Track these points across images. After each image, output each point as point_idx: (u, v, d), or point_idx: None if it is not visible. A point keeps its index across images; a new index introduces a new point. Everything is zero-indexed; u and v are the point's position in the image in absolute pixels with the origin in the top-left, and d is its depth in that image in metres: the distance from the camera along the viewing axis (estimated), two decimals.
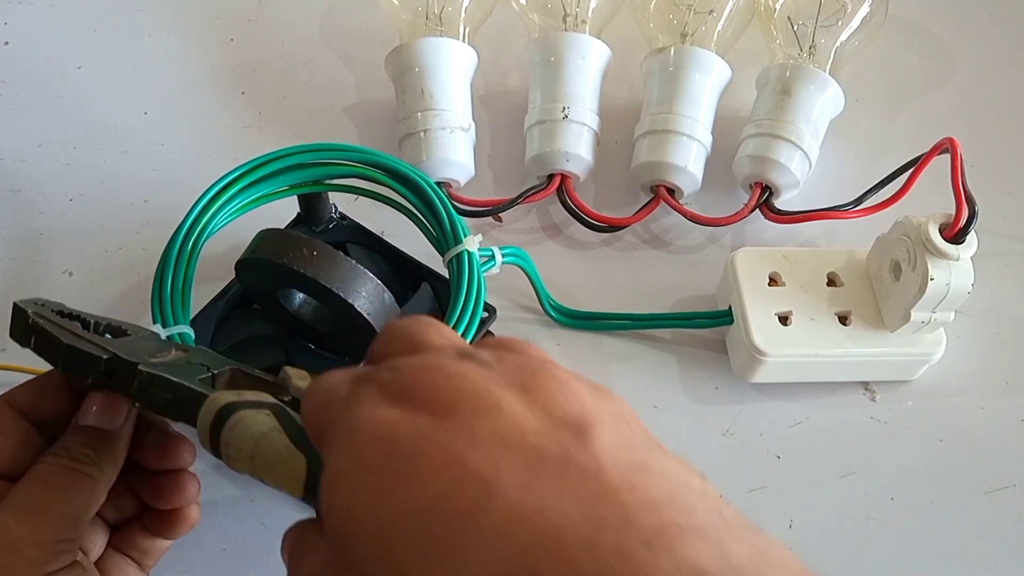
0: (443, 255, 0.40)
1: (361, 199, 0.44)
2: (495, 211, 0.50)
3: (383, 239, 0.46)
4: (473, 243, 0.40)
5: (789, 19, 0.52)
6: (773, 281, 0.45)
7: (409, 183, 0.42)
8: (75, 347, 0.31)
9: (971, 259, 0.41)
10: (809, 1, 0.52)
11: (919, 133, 0.54)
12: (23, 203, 0.51)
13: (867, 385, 0.46)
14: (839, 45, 0.52)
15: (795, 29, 0.52)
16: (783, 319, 0.44)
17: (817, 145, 0.49)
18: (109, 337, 0.33)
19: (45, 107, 0.54)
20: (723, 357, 0.47)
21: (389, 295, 0.38)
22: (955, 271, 0.41)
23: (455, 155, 0.49)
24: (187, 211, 0.40)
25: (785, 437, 0.45)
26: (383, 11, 0.54)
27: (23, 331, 0.32)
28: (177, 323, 0.37)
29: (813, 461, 0.44)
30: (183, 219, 0.40)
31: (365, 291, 0.37)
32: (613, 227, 0.49)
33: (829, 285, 0.45)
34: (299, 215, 0.46)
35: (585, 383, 0.24)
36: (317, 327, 0.40)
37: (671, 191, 0.50)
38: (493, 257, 0.42)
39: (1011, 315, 0.49)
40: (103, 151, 0.53)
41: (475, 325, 0.38)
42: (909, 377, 0.46)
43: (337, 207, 0.46)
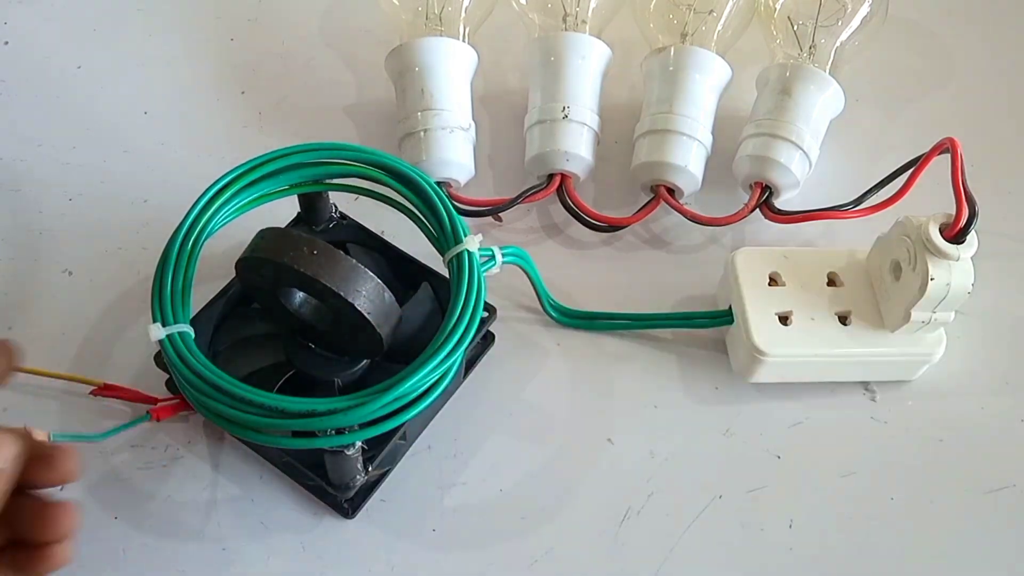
0: (443, 255, 0.40)
1: (361, 199, 0.44)
2: (495, 211, 0.50)
3: (383, 239, 0.46)
4: (473, 243, 0.40)
5: (789, 19, 0.52)
6: (773, 281, 0.45)
7: (409, 183, 0.42)
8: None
9: (971, 259, 0.41)
10: (809, 1, 0.52)
11: (919, 133, 0.54)
12: (23, 203, 0.51)
13: (867, 385, 0.46)
14: (839, 45, 0.52)
15: (795, 29, 0.52)
16: (783, 319, 0.44)
17: (817, 145, 0.49)
18: None
19: (45, 107, 0.54)
20: (723, 357, 0.47)
21: (389, 294, 0.38)
22: (955, 271, 0.41)
23: (455, 155, 0.49)
24: (187, 211, 0.40)
25: (785, 437, 0.45)
26: (383, 11, 0.54)
27: None
28: (177, 322, 0.37)
29: (813, 461, 0.44)
30: (183, 219, 0.40)
31: (365, 290, 0.37)
32: (613, 227, 0.50)
33: (829, 285, 0.45)
34: (299, 215, 0.46)
35: None
36: (317, 326, 0.40)
37: (671, 191, 0.50)
38: (493, 257, 0.42)
39: (1011, 315, 0.49)
40: (103, 151, 0.53)
41: (475, 325, 0.38)
42: (909, 377, 0.46)
43: (337, 207, 0.46)
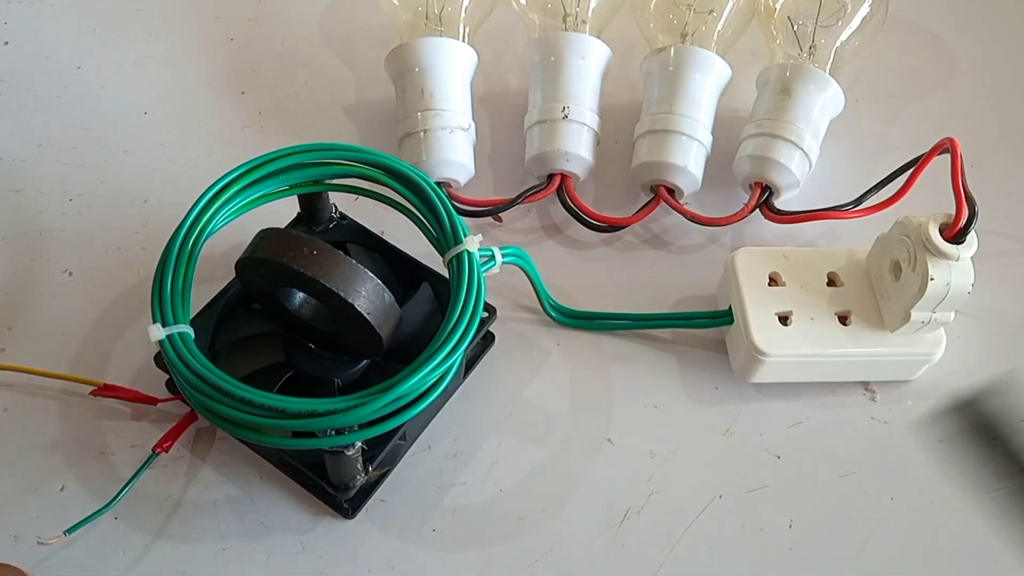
0: (443, 255, 0.40)
1: (361, 199, 0.44)
2: (495, 211, 0.50)
3: (383, 239, 0.46)
4: (473, 243, 0.40)
5: (789, 19, 0.52)
6: (773, 281, 0.45)
7: (409, 183, 0.42)
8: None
9: (971, 259, 0.41)
10: (809, 1, 0.52)
11: (919, 133, 0.55)
12: (23, 203, 0.51)
13: (867, 385, 0.46)
14: (839, 45, 0.52)
15: (795, 29, 0.52)
16: (783, 319, 0.44)
17: (817, 145, 0.49)
18: None
19: (45, 107, 0.54)
20: (723, 357, 0.47)
21: (389, 295, 0.38)
22: (955, 271, 0.41)
23: (455, 155, 0.49)
24: (187, 211, 0.40)
25: (785, 437, 0.45)
26: (383, 11, 0.54)
27: None
28: (177, 322, 0.37)
29: (813, 461, 0.44)
30: (183, 219, 0.40)
31: (365, 291, 0.37)
32: (613, 227, 0.50)
33: (829, 285, 0.45)
34: (299, 215, 0.46)
35: None
36: (317, 326, 0.40)
37: (671, 191, 0.50)
38: (493, 257, 0.42)
39: (1011, 315, 0.49)
40: (103, 151, 0.53)
41: (475, 325, 0.38)
42: (909, 377, 0.46)
43: (337, 207, 0.46)
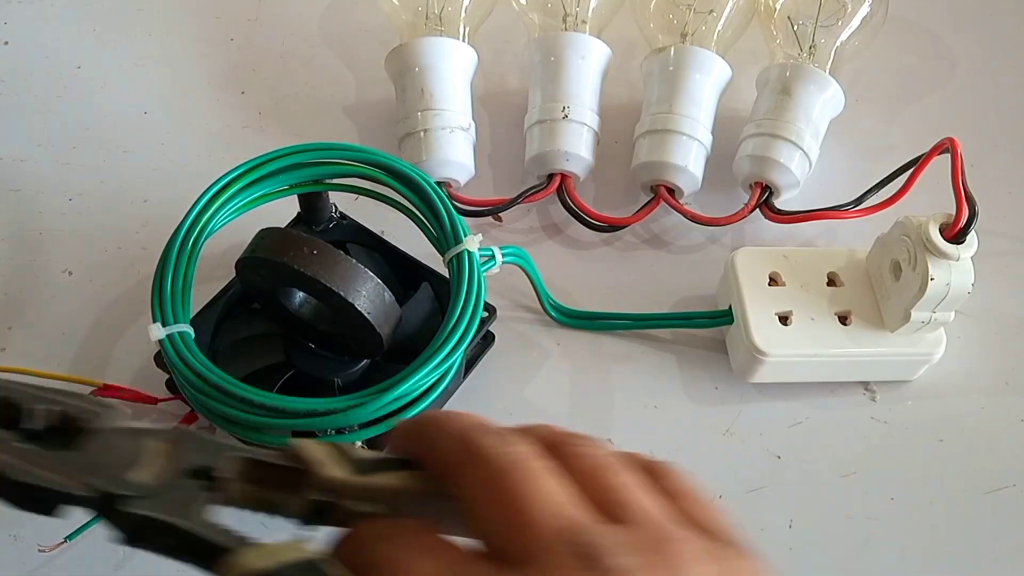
0: (443, 255, 0.40)
1: (361, 199, 0.44)
2: (495, 211, 0.50)
3: (383, 239, 0.46)
4: (473, 243, 0.40)
5: (789, 19, 0.52)
6: (773, 281, 0.45)
7: (409, 183, 0.42)
8: (28, 484, 0.23)
9: (971, 259, 0.41)
10: (809, 1, 0.52)
11: (919, 133, 0.54)
12: (23, 203, 0.51)
13: (867, 385, 0.46)
14: (839, 45, 0.52)
15: (795, 29, 0.52)
16: (783, 319, 0.44)
17: (817, 145, 0.49)
18: (61, 449, 0.24)
19: (45, 107, 0.54)
20: (723, 357, 0.47)
21: (389, 294, 0.38)
22: (955, 271, 0.41)
23: (455, 155, 0.49)
24: (187, 210, 0.40)
25: (785, 437, 0.45)
26: (383, 11, 0.54)
27: None
28: (177, 322, 0.37)
29: (813, 461, 0.44)
30: (183, 218, 0.40)
31: (365, 290, 0.37)
32: (613, 227, 0.49)
33: (829, 285, 0.45)
34: (299, 214, 0.46)
35: None
36: (317, 326, 0.40)
37: (671, 191, 0.50)
38: (493, 257, 0.42)
39: (1011, 315, 0.49)
40: (103, 151, 0.53)
41: (475, 325, 0.38)
42: (909, 377, 0.46)
43: (337, 207, 0.46)
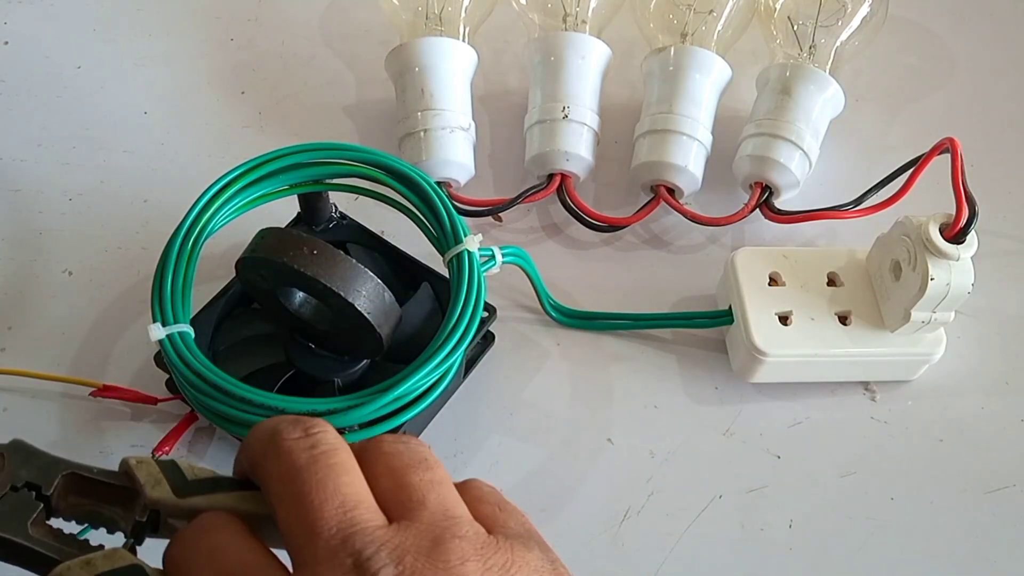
0: (443, 255, 0.40)
1: (361, 199, 0.44)
2: (495, 211, 0.50)
3: (383, 239, 0.46)
4: (473, 243, 0.40)
5: (789, 19, 0.52)
6: (773, 281, 0.45)
7: (409, 183, 0.42)
8: None
9: (971, 259, 0.41)
10: (809, 1, 0.52)
11: (919, 133, 0.55)
12: (23, 203, 0.51)
13: (867, 385, 0.46)
14: (839, 45, 0.52)
15: (795, 29, 0.52)
16: (783, 319, 0.44)
17: (817, 145, 0.49)
18: None
19: (45, 107, 0.54)
20: (723, 357, 0.47)
21: (389, 294, 0.38)
22: (955, 271, 0.41)
23: (455, 155, 0.49)
24: (187, 210, 0.40)
25: (785, 437, 0.45)
26: (383, 11, 0.54)
27: None
28: (177, 322, 0.37)
29: (813, 461, 0.44)
30: (183, 218, 0.40)
31: (365, 290, 0.37)
32: (613, 227, 0.50)
33: (829, 285, 0.45)
34: (299, 214, 0.46)
35: None
36: (317, 326, 0.40)
37: (671, 191, 0.50)
38: (493, 257, 0.42)
39: (1011, 315, 0.49)
40: (103, 151, 0.53)
41: (475, 325, 0.38)
42: (909, 377, 0.46)
43: (337, 206, 0.46)
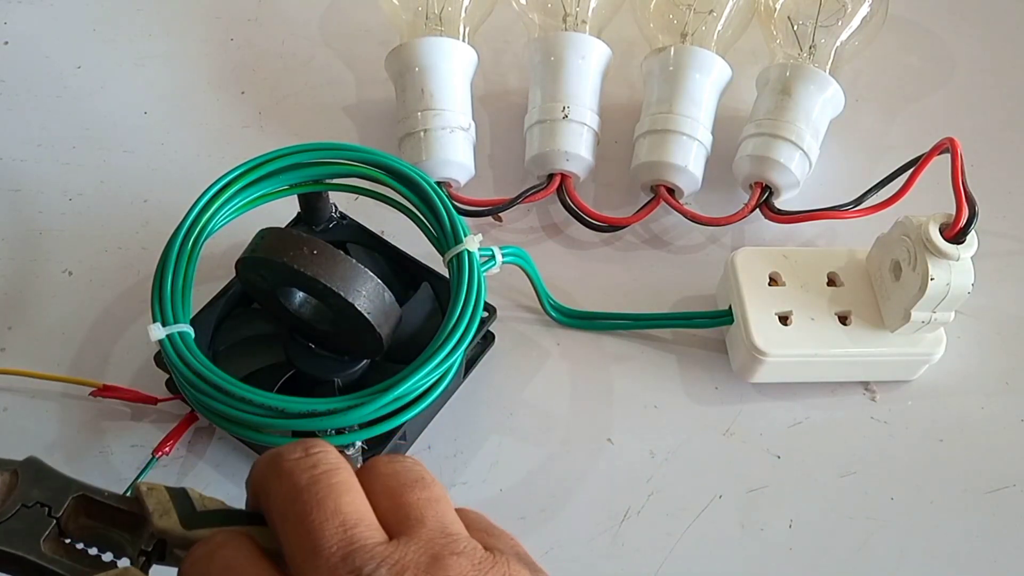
0: (443, 255, 0.40)
1: (361, 199, 0.44)
2: (495, 211, 0.50)
3: (383, 239, 0.46)
4: (473, 243, 0.40)
5: (789, 19, 0.52)
6: (773, 281, 0.45)
7: (409, 183, 0.42)
8: None
9: (971, 259, 0.41)
10: (809, 1, 0.52)
11: (919, 133, 0.55)
12: (23, 203, 0.51)
13: (867, 385, 0.46)
14: (839, 45, 0.52)
15: (795, 29, 0.52)
16: (783, 319, 0.44)
17: (817, 145, 0.49)
18: None
19: (45, 107, 0.54)
20: (723, 357, 0.47)
21: (389, 294, 0.38)
22: (955, 271, 0.41)
23: (455, 155, 0.49)
24: (187, 210, 0.40)
25: (785, 437, 0.45)
26: (383, 11, 0.54)
27: None
28: (177, 322, 0.37)
29: (813, 461, 0.44)
30: (183, 218, 0.40)
31: (365, 290, 0.37)
32: (613, 227, 0.50)
33: (829, 285, 0.45)
34: (299, 214, 0.46)
35: None
36: (317, 326, 0.40)
37: (671, 191, 0.50)
38: (493, 257, 0.42)
39: (1011, 315, 0.49)
40: (103, 151, 0.53)
41: (475, 325, 0.38)
42: (909, 377, 0.46)
43: (337, 206, 0.46)
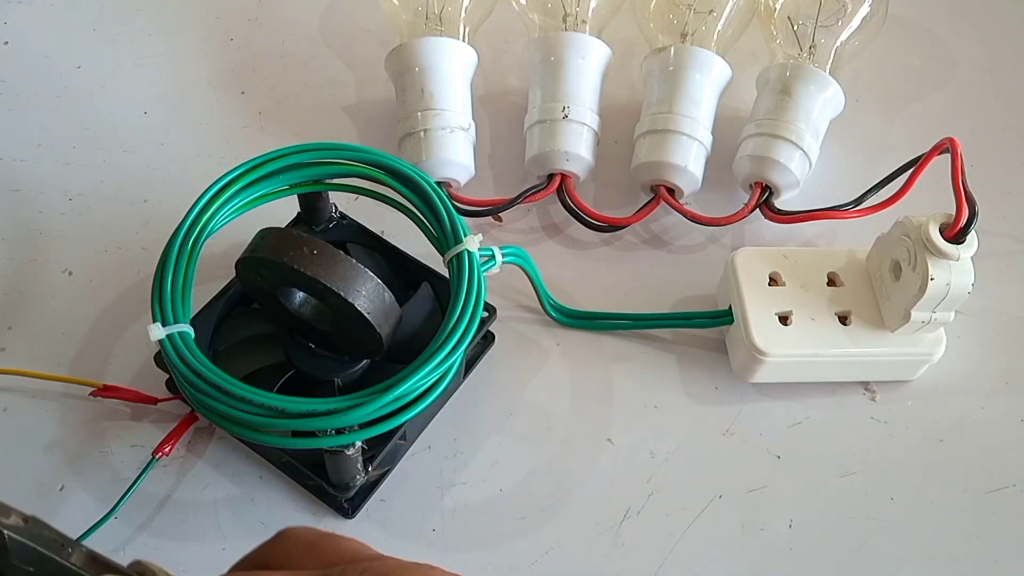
0: (443, 255, 0.40)
1: (361, 199, 0.44)
2: (495, 211, 0.50)
3: (383, 239, 0.46)
4: (473, 243, 0.40)
5: (789, 19, 0.52)
6: (773, 281, 0.45)
7: (409, 183, 0.42)
8: None
9: (971, 259, 0.41)
10: (809, 1, 0.52)
11: (919, 133, 0.55)
12: (23, 203, 0.51)
13: (867, 385, 0.46)
14: (839, 45, 0.52)
15: (795, 29, 0.52)
16: (783, 319, 0.44)
17: (817, 145, 0.49)
18: None
19: (45, 107, 0.54)
20: (723, 357, 0.47)
21: (389, 294, 0.38)
22: (955, 271, 0.41)
23: (455, 155, 0.49)
24: (187, 210, 0.40)
25: (785, 437, 0.45)
26: (383, 11, 0.54)
27: None
28: (177, 322, 0.37)
29: (813, 461, 0.44)
30: (183, 218, 0.40)
31: (365, 290, 0.37)
32: (613, 227, 0.50)
33: (829, 285, 0.45)
34: (299, 214, 0.46)
35: None
36: (317, 326, 0.40)
37: (671, 191, 0.50)
38: (493, 257, 0.42)
39: (1011, 315, 0.49)
40: (103, 151, 0.53)
41: (475, 325, 0.38)
42: (909, 377, 0.46)
43: (337, 207, 0.46)
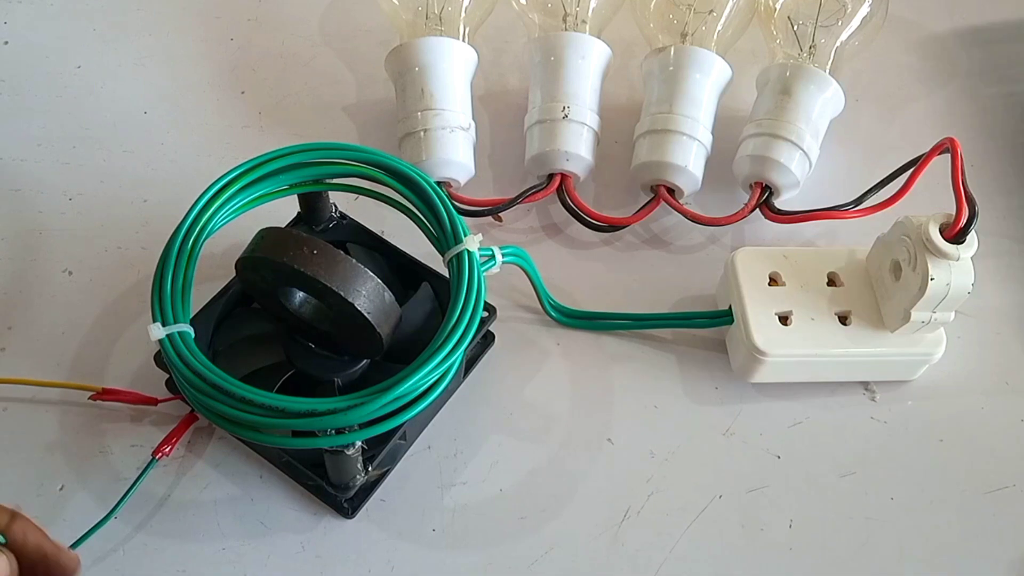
0: (443, 255, 0.40)
1: (361, 198, 0.44)
2: (495, 211, 0.50)
3: (383, 238, 0.46)
4: (473, 243, 0.40)
5: (789, 19, 0.52)
6: (773, 281, 0.45)
7: (409, 182, 0.42)
8: None
9: (971, 259, 0.41)
10: (809, 1, 0.52)
11: (919, 133, 0.55)
12: (23, 203, 0.51)
13: (867, 385, 0.46)
14: (839, 45, 0.52)
15: (795, 29, 0.52)
16: (783, 319, 0.44)
17: (817, 145, 0.49)
18: None
19: (45, 107, 0.54)
20: (723, 357, 0.47)
21: (389, 294, 0.38)
22: (955, 271, 0.41)
23: (455, 154, 0.49)
24: (187, 210, 0.40)
25: (785, 437, 0.45)
26: (383, 11, 0.54)
27: None
28: (177, 322, 0.37)
29: (813, 461, 0.44)
30: (183, 218, 0.40)
31: (365, 290, 0.37)
32: (613, 227, 0.50)
33: (829, 285, 0.45)
34: (299, 214, 0.46)
35: None
36: (317, 326, 0.40)
37: (671, 191, 0.50)
38: (493, 257, 0.42)
39: (1011, 315, 0.49)
40: (103, 151, 0.53)
41: (475, 325, 0.38)
42: (909, 377, 0.46)
43: (337, 206, 0.46)
